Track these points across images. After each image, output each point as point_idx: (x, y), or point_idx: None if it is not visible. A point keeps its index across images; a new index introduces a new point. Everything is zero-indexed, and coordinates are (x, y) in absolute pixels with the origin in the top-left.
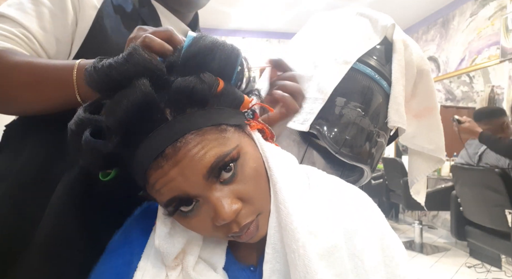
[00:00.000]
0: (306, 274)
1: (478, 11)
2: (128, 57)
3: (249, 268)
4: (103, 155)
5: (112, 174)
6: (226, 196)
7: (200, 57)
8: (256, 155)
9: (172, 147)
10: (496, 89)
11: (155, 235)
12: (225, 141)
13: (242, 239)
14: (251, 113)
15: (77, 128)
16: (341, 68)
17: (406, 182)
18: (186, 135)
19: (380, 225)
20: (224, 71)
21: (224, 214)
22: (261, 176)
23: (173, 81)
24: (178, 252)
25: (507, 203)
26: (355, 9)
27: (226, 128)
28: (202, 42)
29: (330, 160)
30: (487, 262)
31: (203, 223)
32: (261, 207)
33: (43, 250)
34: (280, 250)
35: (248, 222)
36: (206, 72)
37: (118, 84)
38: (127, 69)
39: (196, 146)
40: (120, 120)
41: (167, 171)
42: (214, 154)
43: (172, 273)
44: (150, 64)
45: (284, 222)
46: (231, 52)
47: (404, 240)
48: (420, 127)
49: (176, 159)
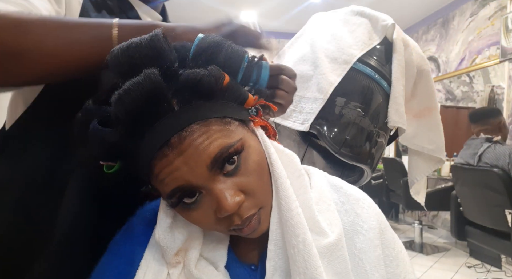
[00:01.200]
0: (306, 270)
1: (478, 11)
2: (151, 42)
3: (250, 267)
4: (109, 144)
5: (116, 167)
6: (229, 188)
7: (208, 51)
8: (260, 149)
9: (178, 136)
10: (496, 89)
11: (156, 227)
12: (229, 133)
13: (243, 232)
14: (255, 111)
15: (85, 118)
16: (341, 68)
17: (406, 182)
18: (191, 125)
19: (380, 225)
20: (231, 66)
21: (227, 206)
22: (263, 170)
23: (182, 73)
24: (178, 248)
25: (507, 203)
26: (355, 9)
27: (231, 121)
28: (211, 38)
29: (330, 160)
30: (487, 262)
31: (206, 216)
32: (263, 201)
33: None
34: (282, 247)
35: (250, 215)
36: (214, 66)
37: (134, 68)
38: (147, 52)
39: (201, 136)
40: (128, 108)
41: (172, 160)
42: (218, 145)
43: (173, 271)
44: (166, 53)
45: (284, 217)
46: (238, 49)
47: (404, 240)
48: (420, 127)
49: (181, 149)
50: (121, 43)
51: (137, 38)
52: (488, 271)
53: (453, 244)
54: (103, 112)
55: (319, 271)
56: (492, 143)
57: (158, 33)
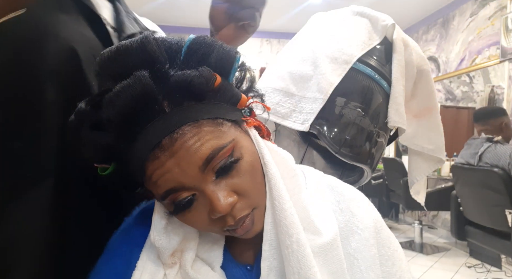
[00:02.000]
0: (300, 270)
1: (478, 11)
2: (141, 45)
3: (246, 267)
4: (102, 147)
5: (110, 169)
6: (221, 189)
7: (199, 52)
8: (253, 150)
9: (169, 138)
10: (496, 89)
11: (151, 229)
12: (221, 135)
13: (237, 232)
14: (248, 111)
15: (77, 121)
16: (341, 68)
17: (406, 182)
18: (183, 126)
19: (376, 224)
20: (222, 67)
21: (220, 207)
22: (257, 170)
23: (173, 74)
24: (174, 249)
25: (507, 203)
26: (355, 9)
27: (223, 122)
28: (203, 40)
29: (330, 160)
30: (487, 262)
31: (199, 217)
32: (256, 201)
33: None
34: (277, 247)
35: (243, 216)
36: (204, 67)
37: (125, 71)
38: (137, 54)
39: (193, 138)
40: (120, 111)
41: (164, 162)
42: (210, 147)
43: (170, 272)
44: (157, 55)
45: (278, 217)
46: (229, 50)
47: (404, 240)
48: (420, 127)
49: (172, 150)
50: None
51: (127, 40)
52: (488, 271)
53: (453, 244)
54: (95, 115)
55: (313, 271)
56: (493, 143)
57: (149, 35)
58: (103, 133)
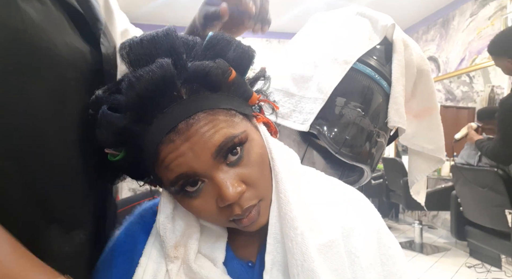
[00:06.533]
0: (304, 262)
1: (478, 11)
2: (167, 35)
3: (247, 264)
4: (117, 129)
5: (120, 155)
6: (231, 178)
7: (217, 47)
8: (262, 143)
9: (185, 122)
10: (496, 89)
11: (159, 212)
12: (234, 125)
13: (243, 223)
14: (258, 108)
15: (95, 105)
16: (341, 68)
17: (406, 182)
18: (199, 113)
19: (376, 224)
20: (239, 64)
21: (228, 195)
22: (265, 163)
23: (191, 65)
24: (177, 240)
25: (507, 203)
26: (355, 9)
27: (236, 114)
28: (222, 36)
29: (330, 160)
30: (487, 262)
31: (207, 205)
32: (263, 193)
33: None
34: (281, 240)
35: (250, 206)
36: (222, 60)
37: (148, 58)
38: (161, 44)
39: (207, 124)
40: (139, 94)
41: (178, 146)
42: (224, 134)
43: (172, 267)
44: (178, 46)
45: (283, 210)
46: (247, 48)
47: (404, 240)
48: (420, 127)
49: (187, 135)
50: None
51: (152, 31)
52: (488, 271)
53: (453, 244)
54: (112, 100)
55: (317, 263)
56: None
57: (171, 28)
58: (121, 115)
